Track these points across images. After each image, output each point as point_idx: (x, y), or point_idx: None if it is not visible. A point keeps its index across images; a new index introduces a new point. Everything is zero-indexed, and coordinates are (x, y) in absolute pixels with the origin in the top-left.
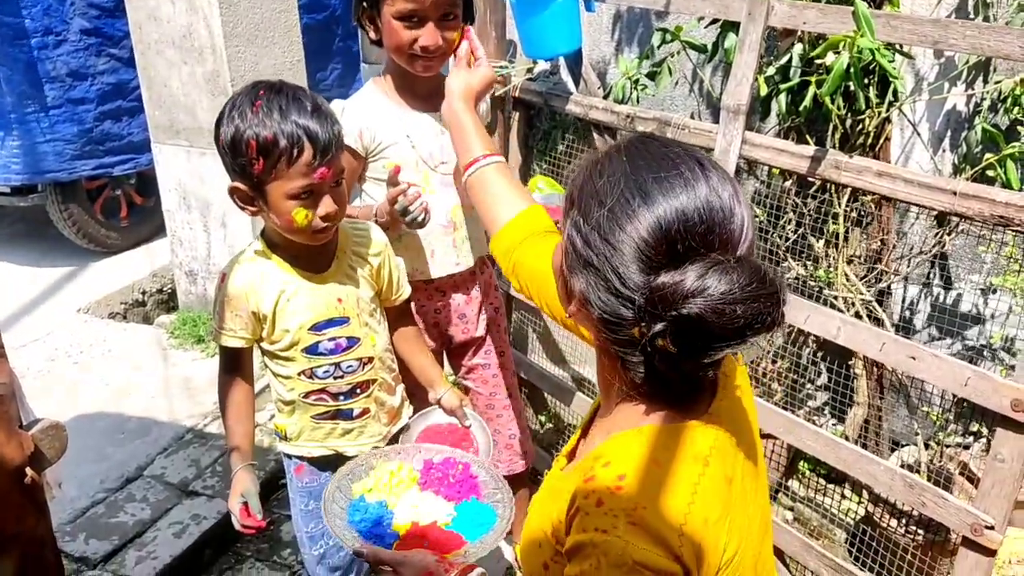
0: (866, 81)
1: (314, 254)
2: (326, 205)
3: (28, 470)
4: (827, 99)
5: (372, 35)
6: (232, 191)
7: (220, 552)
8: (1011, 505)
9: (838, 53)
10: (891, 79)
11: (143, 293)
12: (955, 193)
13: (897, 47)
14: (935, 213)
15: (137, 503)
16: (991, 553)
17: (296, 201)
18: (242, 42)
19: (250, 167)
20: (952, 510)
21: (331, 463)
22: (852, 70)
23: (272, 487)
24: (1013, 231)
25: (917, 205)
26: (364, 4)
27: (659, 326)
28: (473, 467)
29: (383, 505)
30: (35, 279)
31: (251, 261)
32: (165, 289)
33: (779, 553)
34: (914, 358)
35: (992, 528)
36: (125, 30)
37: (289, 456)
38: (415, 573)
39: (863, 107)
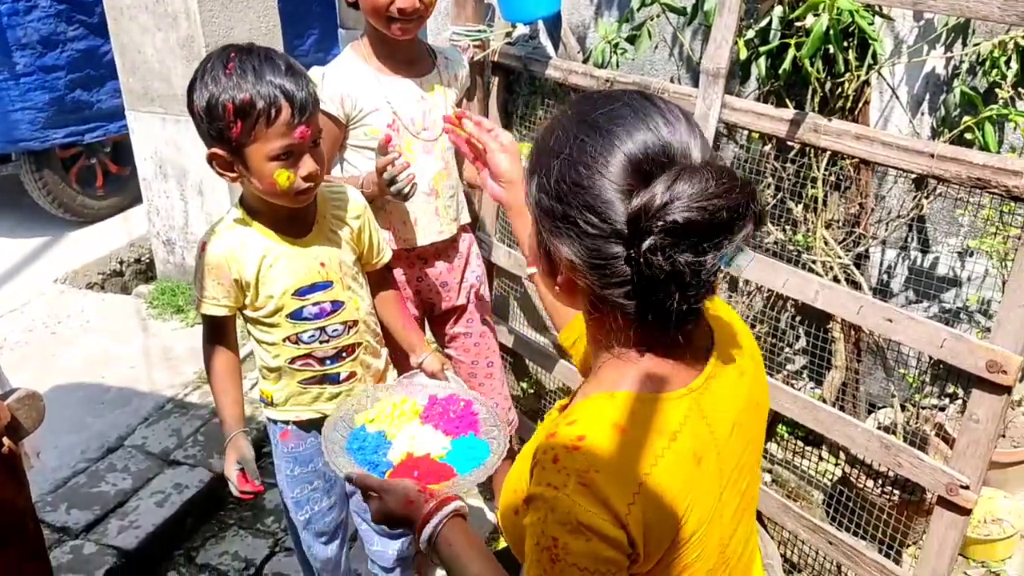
0: (845, 44)
1: (295, 219)
2: (307, 165)
3: (5, 440)
4: (806, 62)
5: None
6: (211, 158)
7: (203, 520)
8: (986, 465)
9: (818, 15)
10: (870, 42)
11: (121, 263)
12: (933, 156)
13: (876, 8)
14: (913, 177)
15: (118, 473)
16: (966, 512)
17: (277, 163)
18: (216, 7)
19: (228, 131)
20: (927, 470)
21: (316, 425)
22: (831, 32)
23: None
24: (990, 193)
25: (895, 168)
26: None
27: (648, 242)
28: (475, 405)
29: (382, 435)
30: (10, 249)
31: (231, 228)
32: (143, 259)
33: (758, 515)
34: (891, 320)
35: (967, 488)
36: None
37: (275, 422)
38: (397, 500)
39: (843, 70)
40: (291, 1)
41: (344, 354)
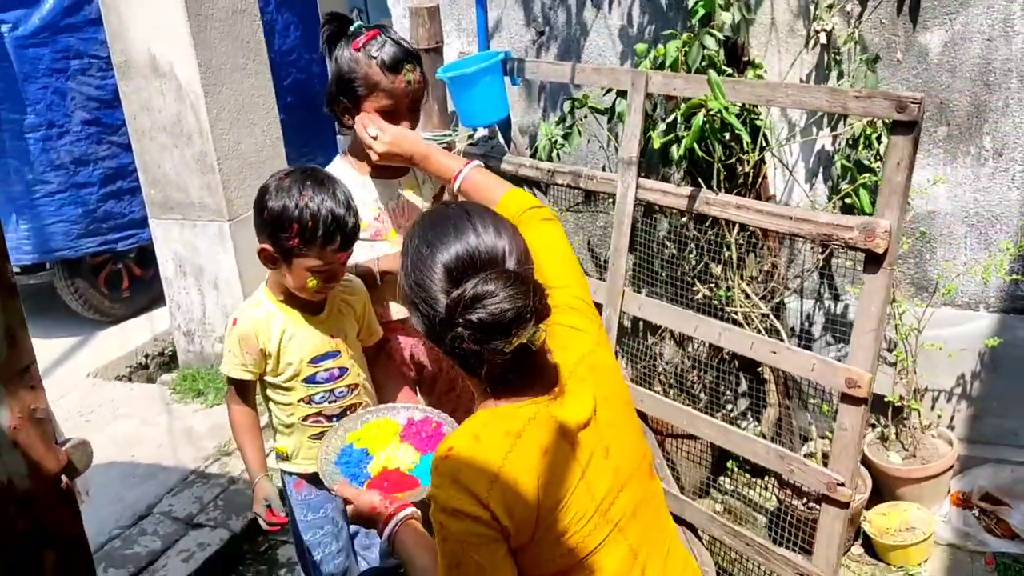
0: (736, 131)
1: (312, 301)
2: (334, 279)
3: (63, 477)
4: (697, 148)
5: (348, 122)
6: (261, 252)
7: (224, 574)
8: (856, 464)
9: (696, 114)
10: (760, 127)
11: (146, 356)
12: (791, 218)
13: (745, 105)
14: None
15: (149, 536)
16: (844, 506)
17: (312, 272)
18: (226, 125)
19: (286, 241)
20: (812, 473)
21: None
22: (708, 125)
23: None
24: (835, 245)
25: (763, 229)
26: (343, 100)
27: (455, 331)
28: (444, 426)
29: (366, 452)
30: (47, 349)
31: (258, 306)
32: (165, 352)
33: (692, 527)
34: (775, 352)
35: (843, 485)
36: (122, 119)
37: (289, 474)
38: (364, 505)
39: (739, 152)
40: (296, 115)
41: (348, 412)
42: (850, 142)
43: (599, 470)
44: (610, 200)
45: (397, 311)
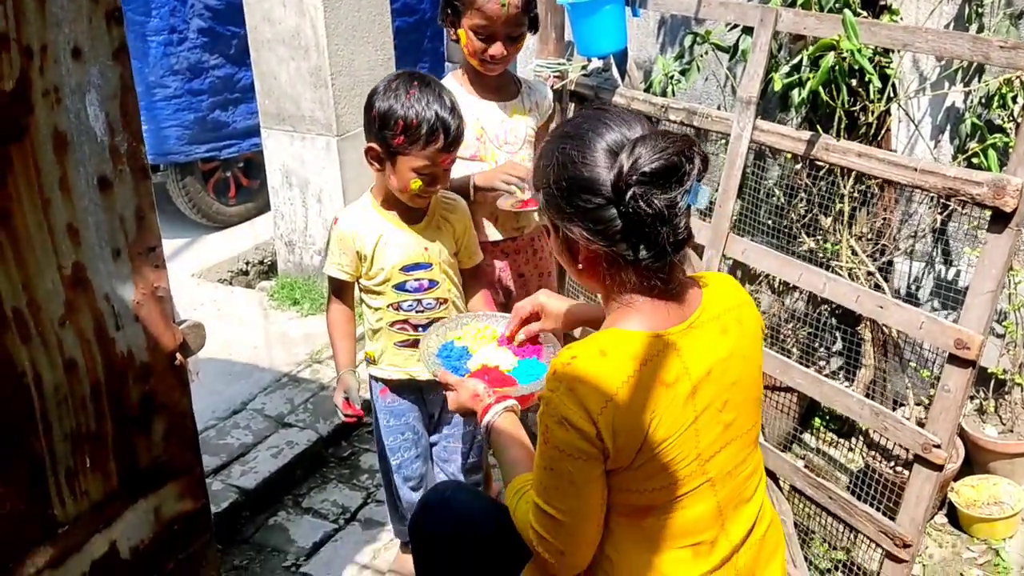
0: (867, 76)
1: (412, 210)
2: (437, 183)
3: (177, 355)
4: (822, 92)
5: (453, 36)
6: (368, 150)
7: (309, 473)
8: (955, 427)
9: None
10: (891, 77)
11: (247, 263)
12: (916, 169)
13: (879, 49)
14: (931, 195)
15: (241, 430)
16: (938, 468)
17: (416, 173)
18: (341, 41)
19: (391, 139)
20: (908, 432)
21: (407, 387)
22: (838, 68)
23: (353, 426)
24: (960, 200)
25: (886, 180)
26: (449, 12)
27: (630, 193)
28: (541, 336)
29: (465, 349)
30: None
31: (360, 208)
32: (265, 261)
33: (773, 476)
34: (882, 307)
35: (939, 447)
36: (232, 31)
37: (375, 379)
38: (467, 392)
39: (865, 99)
40: (406, 38)
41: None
42: (983, 101)
43: (711, 421)
44: (721, 142)
45: (490, 232)
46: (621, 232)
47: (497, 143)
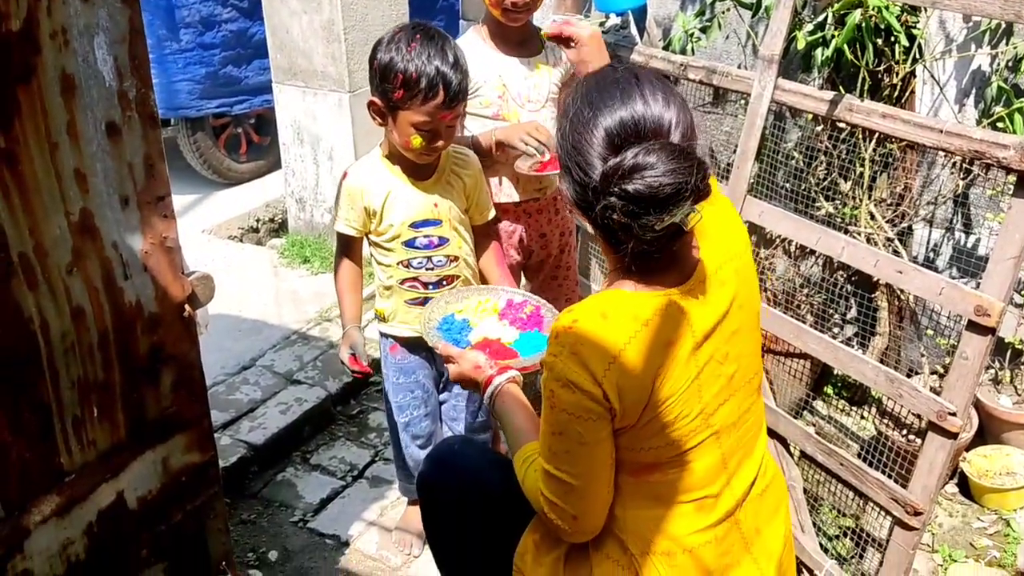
0: (892, 39)
1: (421, 166)
2: (439, 140)
3: (186, 306)
4: (847, 52)
5: None
6: (370, 104)
7: (317, 430)
8: (971, 396)
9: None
10: (917, 38)
11: (257, 220)
12: (941, 131)
13: (908, 8)
14: (954, 159)
15: (250, 385)
16: (953, 436)
17: (417, 129)
18: None
19: (391, 92)
20: (923, 399)
21: (418, 345)
22: (864, 26)
23: (361, 384)
24: (986, 164)
25: (910, 141)
26: None
27: (606, 201)
28: (543, 309)
29: (467, 322)
30: None
31: (370, 164)
32: (275, 219)
33: (783, 442)
34: (900, 272)
35: (954, 415)
36: None
37: (385, 336)
38: (468, 363)
39: (891, 59)
40: None
41: (444, 282)
42: (1010, 64)
43: (713, 374)
44: (741, 102)
45: (510, 193)
46: (604, 219)
47: (520, 100)
